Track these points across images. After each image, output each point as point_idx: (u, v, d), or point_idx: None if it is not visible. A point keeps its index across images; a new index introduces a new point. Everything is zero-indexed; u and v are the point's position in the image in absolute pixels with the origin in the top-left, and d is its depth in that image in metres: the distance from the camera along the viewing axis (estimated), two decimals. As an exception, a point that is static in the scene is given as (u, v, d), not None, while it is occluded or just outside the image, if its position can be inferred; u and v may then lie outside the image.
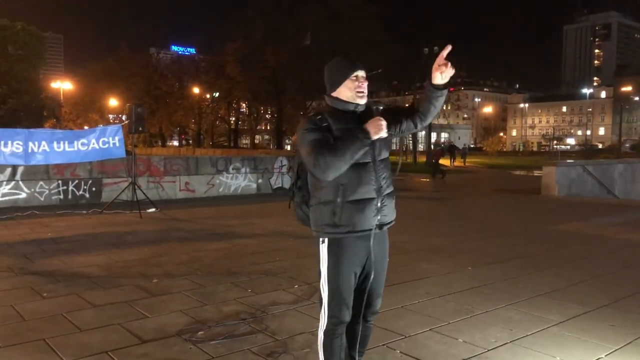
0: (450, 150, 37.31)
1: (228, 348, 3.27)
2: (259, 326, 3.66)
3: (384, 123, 2.25)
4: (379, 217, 2.35)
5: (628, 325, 3.80)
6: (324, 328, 2.40)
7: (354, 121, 2.32)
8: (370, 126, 2.24)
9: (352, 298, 2.40)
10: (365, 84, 2.39)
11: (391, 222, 2.45)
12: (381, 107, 2.39)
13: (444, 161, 34.30)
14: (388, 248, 2.52)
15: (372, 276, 2.40)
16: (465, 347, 3.36)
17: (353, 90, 2.36)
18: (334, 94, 2.41)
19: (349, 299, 2.38)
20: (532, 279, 5.10)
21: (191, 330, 3.58)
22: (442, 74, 2.31)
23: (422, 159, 37.65)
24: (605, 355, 3.27)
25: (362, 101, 2.39)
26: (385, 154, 2.41)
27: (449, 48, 2.28)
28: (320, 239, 2.37)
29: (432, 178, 21.17)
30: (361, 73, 2.39)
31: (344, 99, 2.38)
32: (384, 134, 2.26)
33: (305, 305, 4.14)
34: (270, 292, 4.53)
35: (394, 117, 2.43)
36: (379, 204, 2.34)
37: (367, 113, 2.38)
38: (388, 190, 2.40)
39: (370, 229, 2.33)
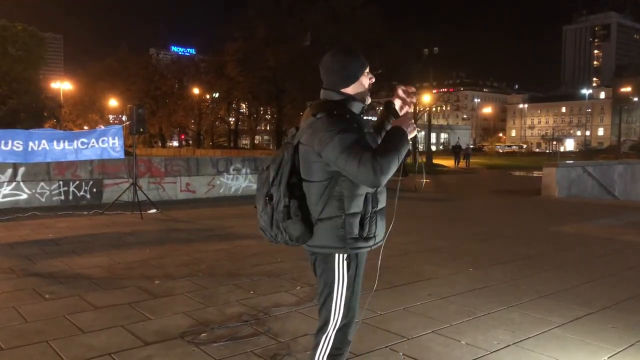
0: (454, 151, 36.29)
1: (231, 350, 3.27)
2: (262, 328, 3.67)
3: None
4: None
5: (631, 327, 3.80)
6: (328, 352, 2.13)
7: (368, 122, 2.19)
8: (404, 125, 2.06)
9: None
10: (373, 80, 2.23)
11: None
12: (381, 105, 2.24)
13: (447, 162, 34.11)
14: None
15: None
16: (467, 349, 3.36)
17: (366, 88, 2.17)
18: (348, 90, 2.14)
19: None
20: (533, 281, 5.10)
21: (194, 332, 3.58)
22: (406, 102, 2.25)
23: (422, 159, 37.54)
24: (608, 358, 3.28)
25: (369, 101, 2.20)
26: None
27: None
28: (338, 255, 2.08)
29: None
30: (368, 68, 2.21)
31: (357, 97, 2.15)
32: (416, 132, 2.12)
33: (307, 307, 4.14)
34: (273, 293, 4.53)
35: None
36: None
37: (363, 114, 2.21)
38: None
39: (383, 240, 2.21)
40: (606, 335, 3.65)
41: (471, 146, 50.69)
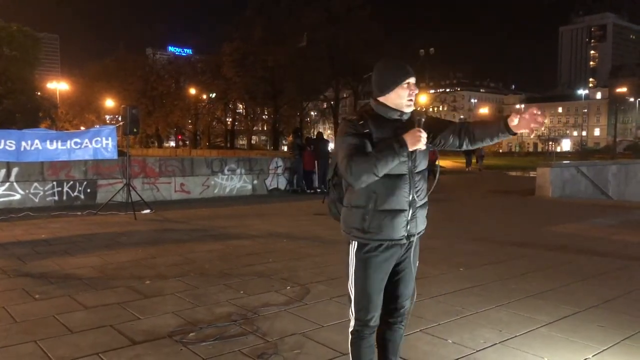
0: (466, 151, 34.41)
1: (219, 349, 3.29)
2: (250, 327, 3.68)
3: (423, 135, 2.19)
4: (407, 228, 2.33)
5: (616, 326, 3.83)
6: (351, 328, 2.42)
7: (396, 129, 2.27)
8: (408, 137, 2.19)
9: (380, 302, 2.39)
10: (416, 92, 2.33)
11: (420, 232, 2.43)
12: (423, 119, 2.27)
13: (455, 163, 33.58)
14: (418, 254, 2.49)
15: (400, 281, 2.43)
16: (453, 348, 3.38)
17: (404, 98, 2.30)
18: (382, 99, 2.34)
19: (376, 302, 2.37)
20: (523, 280, 5.13)
21: (182, 331, 3.59)
22: (529, 127, 2.24)
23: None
24: (593, 356, 3.30)
25: (410, 110, 2.33)
26: (422, 166, 2.38)
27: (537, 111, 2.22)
28: (349, 241, 2.38)
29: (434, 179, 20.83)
30: (413, 80, 2.32)
31: (392, 106, 2.32)
32: (422, 146, 2.21)
33: (296, 307, 4.16)
34: (263, 293, 4.54)
35: (440, 129, 2.38)
36: (409, 216, 2.32)
37: (410, 122, 2.31)
38: (421, 202, 2.38)
39: (399, 239, 2.33)
40: (592, 333, 3.68)
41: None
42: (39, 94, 46.93)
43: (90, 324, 3.71)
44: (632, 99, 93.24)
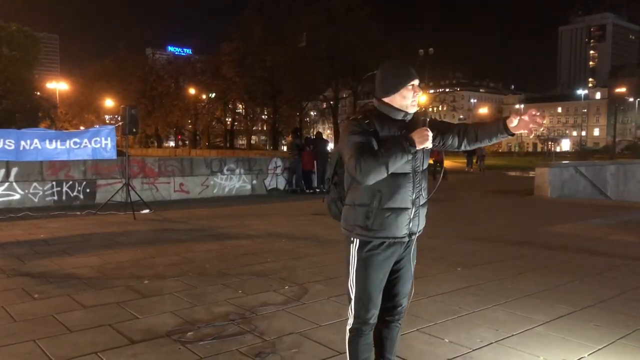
0: (467, 152, 34.16)
1: (216, 348, 3.31)
2: (248, 327, 3.70)
3: (430, 134, 2.25)
4: (409, 226, 2.38)
5: (612, 325, 3.85)
6: (350, 326, 2.45)
7: (400, 129, 2.34)
8: (415, 136, 2.24)
9: (380, 300, 2.43)
10: (419, 94, 2.40)
11: (420, 230, 2.48)
12: (428, 119, 2.34)
13: (455, 163, 33.50)
14: (416, 253, 2.53)
15: (399, 280, 2.47)
16: (450, 347, 3.40)
17: (408, 99, 2.36)
18: (386, 100, 2.39)
19: (376, 300, 2.41)
20: (520, 280, 5.15)
21: (180, 331, 3.61)
22: (528, 127, 2.29)
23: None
24: (588, 355, 3.32)
25: (414, 110, 2.39)
26: (425, 165, 2.43)
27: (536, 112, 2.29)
28: (351, 239, 2.40)
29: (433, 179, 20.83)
30: (417, 82, 2.39)
31: (397, 106, 2.37)
32: (428, 144, 2.27)
33: (294, 306, 4.18)
34: (261, 293, 4.56)
35: (441, 129, 2.44)
36: (412, 214, 2.38)
37: (414, 122, 2.37)
38: (423, 201, 2.44)
39: (402, 237, 2.37)
40: (588, 333, 3.70)
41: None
42: (38, 94, 47.02)
43: (89, 324, 3.73)
44: (631, 99, 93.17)
